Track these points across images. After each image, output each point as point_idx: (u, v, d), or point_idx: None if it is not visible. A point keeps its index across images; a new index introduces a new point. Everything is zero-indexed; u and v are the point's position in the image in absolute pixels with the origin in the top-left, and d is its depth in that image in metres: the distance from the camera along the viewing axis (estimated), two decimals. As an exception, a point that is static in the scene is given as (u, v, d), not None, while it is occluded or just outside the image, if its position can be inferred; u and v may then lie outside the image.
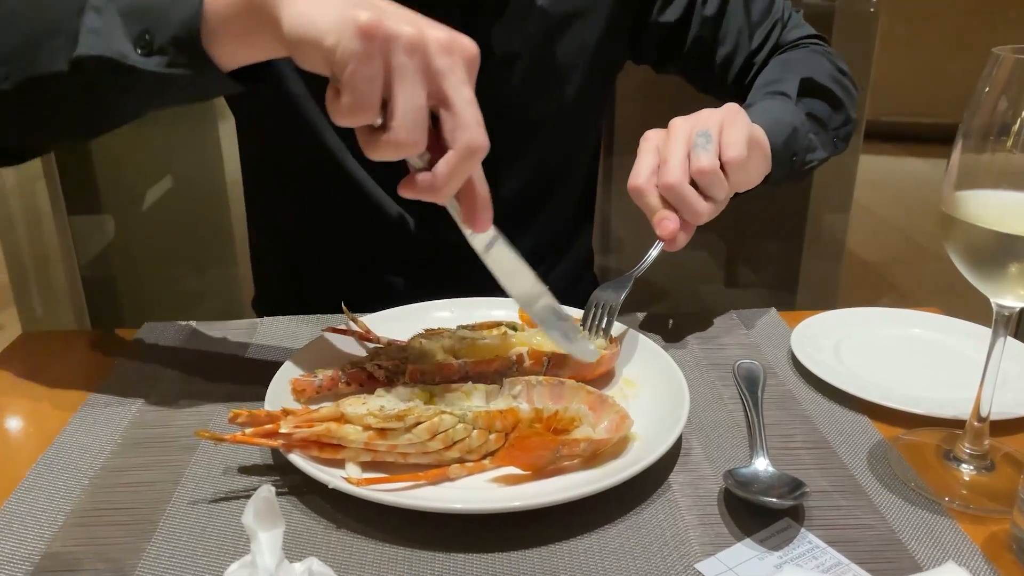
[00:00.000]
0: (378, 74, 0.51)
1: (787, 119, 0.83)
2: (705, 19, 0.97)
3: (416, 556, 0.53)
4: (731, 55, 0.98)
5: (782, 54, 0.97)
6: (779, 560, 0.53)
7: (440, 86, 0.53)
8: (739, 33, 0.97)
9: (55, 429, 0.66)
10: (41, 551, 0.53)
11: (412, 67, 0.51)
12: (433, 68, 0.52)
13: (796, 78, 0.88)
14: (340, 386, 0.67)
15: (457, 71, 0.53)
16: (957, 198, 0.54)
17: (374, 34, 0.50)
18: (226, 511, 0.57)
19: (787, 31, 0.99)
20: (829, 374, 0.73)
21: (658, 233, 0.73)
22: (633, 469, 0.57)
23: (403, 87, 0.51)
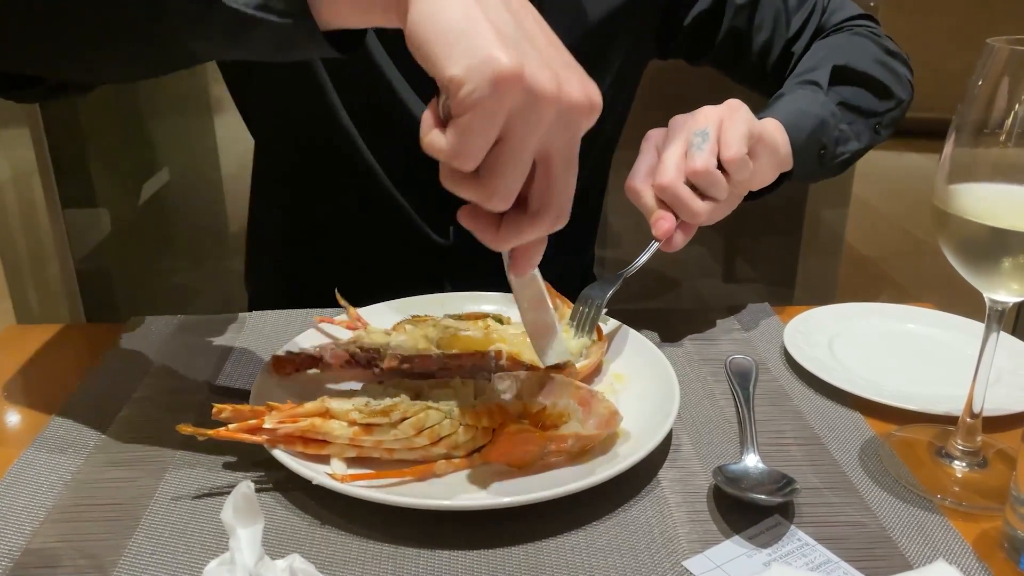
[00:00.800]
0: (498, 128, 0.45)
1: (814, 110, 0.81)
2: (739, 7, 0.93)
3: (400, 553, 0.53)
4: (768, 43, 0.95)
5: (824, 39, 0.94)
6: (768, 557, 0.52)
7: (552, 148, 0.48)
8: (776, 19, 0.94)
9: (40, 424, 0.66)
10: (21, 547, 0.53)
11: (535, 124, 0.45)
12: (554, 129, 0.47)
13: (828, 66, 0.85)
14: (321, 365, 0.67)
15: (576, 140, 0.48)
16: (950, 192, 0.53)
17: (511, 88, 0.43)
18: (209, 508, 0.56)
19: (829, 15, 0.96)
20: (822, 370, 0.72)
21: (653, 233, 0.72)
22: (622, 465, 0.57)
23: (516, 152, 0.46)
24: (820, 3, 0.96)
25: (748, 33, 0.95)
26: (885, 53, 0.93)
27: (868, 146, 0.88)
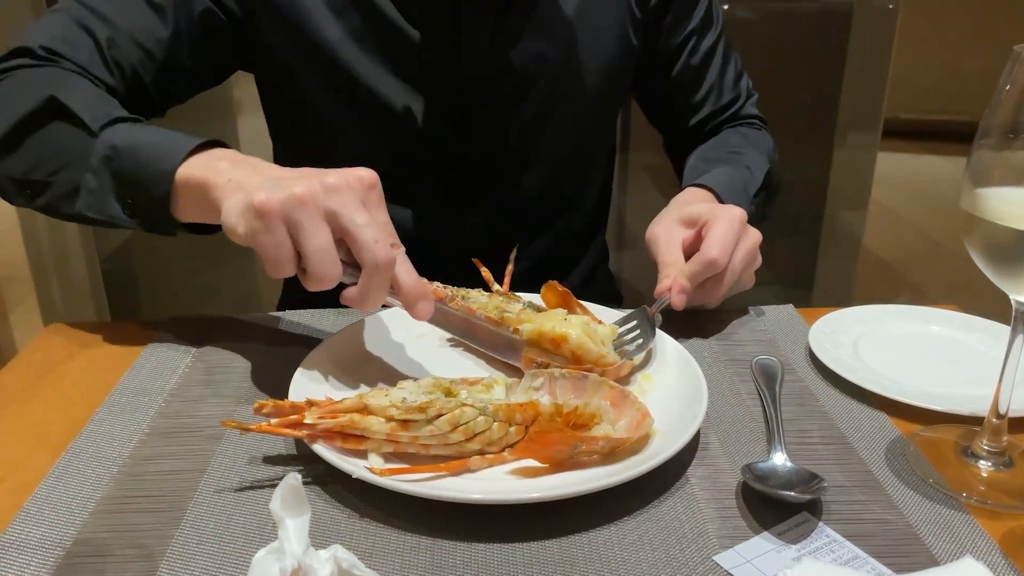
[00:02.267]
0: (283, 239, 0.60)
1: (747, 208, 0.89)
2: (688, 65, 1.03)
3: (437, 545, 0.54)
4: (699, 104, 1.06)
5: (741, 126, 1.07)
6: (797, 553, 0.54)
7: (338, 223, 0.61)
8: (711, 88, 1.06)
9: (83, 418, 0.68)
10: (72, 537, 0.54)
11: (307, 219, 0.60)
12: (327, 211, 0.61)
13: (767, 166, 0.99)
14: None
15: (350, 203, 0.61)
16: (977, 195, 0.54)
17: (267, 209, 0.60)
18: (252, 499, 0.58)
19: (746, 106, 1.09)
20: (847, 370, 0.73)
21: (674, 302, 0.78)
22: (652, 462, 0.58)
23: (305, 237, 0.60)
24: (745, 93, 1.09)
25: (687, 88, 1.05)
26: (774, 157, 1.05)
27: None
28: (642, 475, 0.57)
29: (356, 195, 0.62)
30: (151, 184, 0.69)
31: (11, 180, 0.76)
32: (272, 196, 0.60)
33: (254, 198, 0.60)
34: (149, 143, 0.71)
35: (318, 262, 0.60)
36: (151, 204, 0.70)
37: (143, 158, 0.70)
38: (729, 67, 1.06)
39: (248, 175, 0.64)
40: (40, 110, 0.74)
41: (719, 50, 1.05)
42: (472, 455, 0.60)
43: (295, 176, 0.63)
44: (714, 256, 0.77)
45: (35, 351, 0.80)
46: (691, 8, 1.02)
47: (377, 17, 0.88)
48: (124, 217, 0.72)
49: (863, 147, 2.02)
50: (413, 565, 0.52)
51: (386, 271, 0.62)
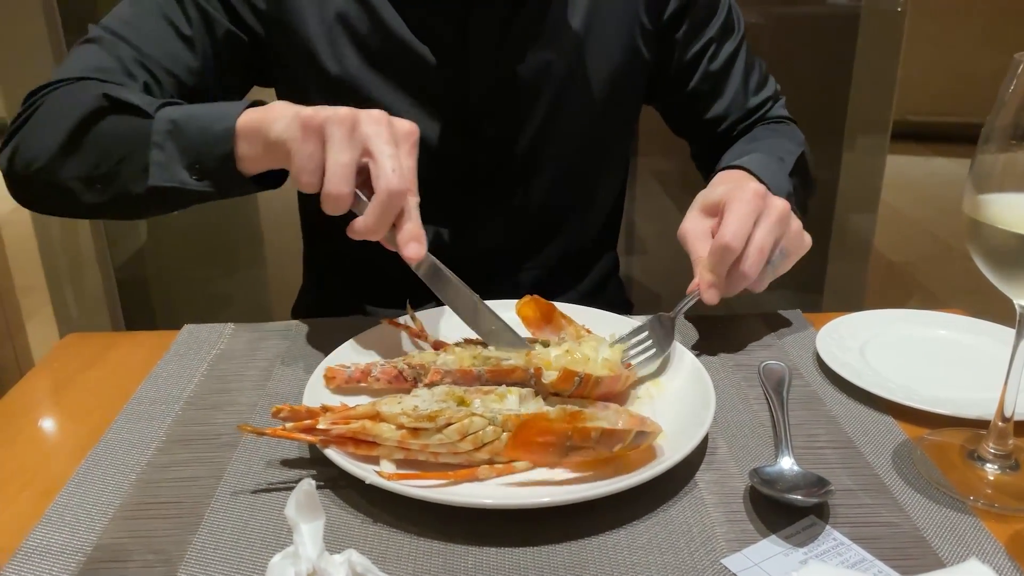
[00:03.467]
0: (315, 150, 0.65)
1: (786, 187, 0.88)
2: (709, 72, 1.02)
3: (450, 549, 0.55)
4: (724, 114, 1.04)
5: (776, 125, 1.05)
6: (804, 556, 0.54)
7: (366, 145, 0.65)
8: (735, 95, 1.03)
9: (102, 427, 0.69)
10: (93, 542, 0.56)
11: (340, 135, 0.65)
12: (360, 133, 0.65)
13: (798, 151, 0.96)
14: (370, 379, 0.70)
15: (383, 134, 0.66)
16: (980, 201, 0.55)
17: (310, 121, 0.66)
18: (267, 505, 0.59)
19: (775, 109, 1.07)
20: (854, 375, 0.73)
21: (704, 298, 0.76)
22: (660, 467, 0.59)
23: (331, 151, 0.65)
24: (773, 97, 1.07)
25: (709, 97, 1.03)
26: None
27: None
28: (651, 479, 0.58)
29: (393, 133, 0.66)
30: (215, 143, 0.72)
31: (78, 179, 0.78)
32: (318, 111, 0.66)
33: (301, 111, 0.67)
34: (204, 111, 0.75)
35: (335, 175, 0.64)
36: (218, 164, 0.73)
37: (203, 123, 0.73)
38: (753, 73, 1.05)
39: (301, 107, 0.69)
40: (96, 109, 0.77)
41: (741, 56, 1.03)
42: (481, 464, 0.61)
43: (344, 107, 0.67)
44: (725, 241, 0.74)
45: (53, 361, 0.81)
46: (709, 16, 1.01)
47: (393, 42, 0.90)
48: (194, 182, 0.74)
49: (872, 150, 2.02)
50: (426, 569, 0.53)
51: (396, 199, 0.65)
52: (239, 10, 0.89)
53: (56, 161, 0.79)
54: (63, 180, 0.79)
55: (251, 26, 0.90)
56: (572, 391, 0.67)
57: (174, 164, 0.74)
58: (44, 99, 0.83)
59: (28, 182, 0.82)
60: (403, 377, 0.70)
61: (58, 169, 0.79)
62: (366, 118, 0.66)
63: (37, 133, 0.81)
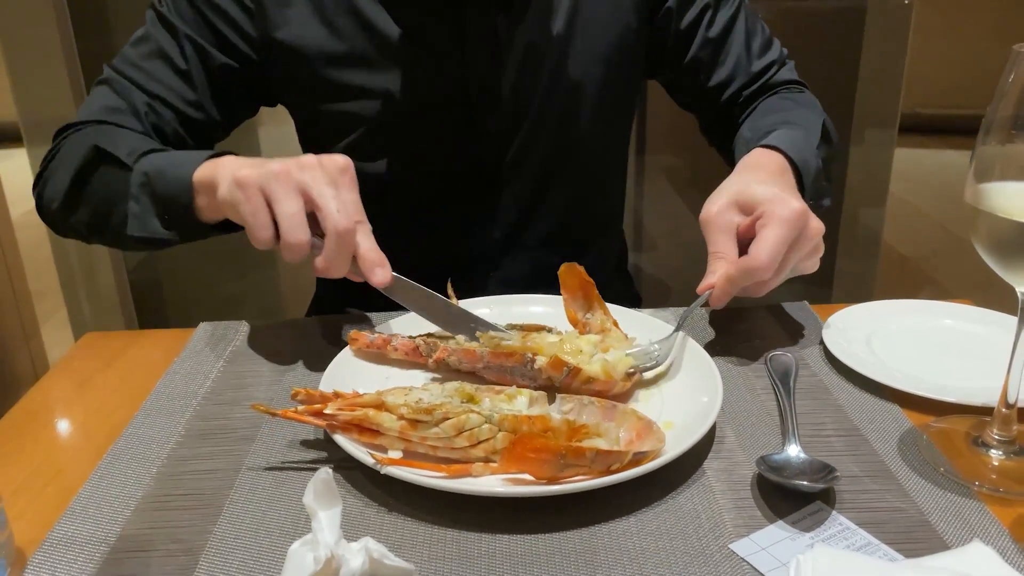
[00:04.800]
0: (259, 208, 0.69)
1: (814, 163, 0.88)
2: (707, 39, 1.01)
3: (463, 536, 0.56)
4: (727, 80, 1.02)
5: (781, 92, 1.03)
6: (811, 541, 0.55)
7: (308, 195, 0.69)
8: (737, 61, 1.02)
9: (122, 423, 0.71)
10: (117, 533, 0.57)
11: (280, 189, 0.69)
12: (297, 182, 0.69)
13: (820, 119, 0.94)
14: (389, 348, 0.75)
15: (318, 177, 0.69)
16: (981, 190, 0.56)
17: (245, 182, 0.70)
18: (285, 495, 0.61)
19: (780, 73, 1.04)
20: (860, 364, 0.74)
21: (712, 302, 0.75)
22: (669, 455, 0.60)
23: (277, 205, 0.69)
24: (779, 60, 1.04)
25: (710, 65, 1.02)
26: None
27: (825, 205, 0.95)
28: (660, 468, 0.59)
29: (327, 173, 0.70)
30: (177, 195, 0.78)
31: (84, 225, 0.87)
32: (252, 171, 0.70)
33: (237, 173, 0.70)
34: (172, 164, 0.80)
35: (288, 227, 0.68)
36: (182, 215, 0.79)
37: (169, 177, 0.79)
38: (755, 37, 1.03)
39: (241, 164, 0.73)
40: (88, 160, 0.84)
41: (740, 21, 1.02)
42: (477, 461, 0.61)
43: (277, 160, 0.71)
44: (760, 265, 0.71)
45: (72, 360, 0.83)
46: None
47: (390, 47, 0.92)
48: (163, 231, 0.80)
49: (880, 143, 2.01)
50: (440, 556, 0.55)
51: (346, 237, 0.69)
52: (230, 38, 0.92)
53: (66, 207, 0.87)
54: (73, 224, 0.88)
55: (244, 53, 0.93)
56: (563, 379, 0.69)
57: (148, 215, 0.80)
58: (64, 141, 0.90)
59: (53, 218, 0.91)
60: (419, 352, 0.75)
61: (69, 215, 0.88)
62: (297, 167, 0.70)
63: (53, 178, 0.89)
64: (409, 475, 0.58)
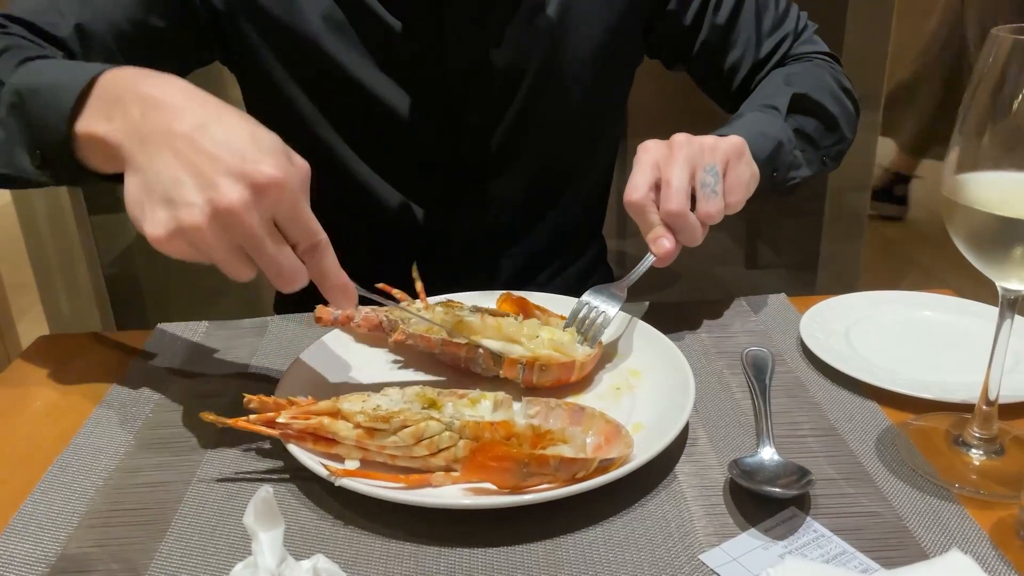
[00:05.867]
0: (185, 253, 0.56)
1: (773, 133, 0.83)
2: (715, 25, 0.96)
3: (422, 552, 0.54)
4: (737, 64, 0.98)
5: (784, 67, 0.97)
6: (783, 550, 0.53)
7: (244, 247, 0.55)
8: (747, 42, 0.97)
9: (71, 431, 0.68)
10: (57, 552, 0.55)
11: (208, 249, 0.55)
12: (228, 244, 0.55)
13: (789, 93, 0.88)
14: (352, 324, 0.74)
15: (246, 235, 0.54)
16: (958, 182, 0.53)
17: (160, 245, 0.56)
18: (236, 510, 0.58)
19: (798, 44, 0.99)
20: (838, 360, 0.72)
21: (654, 250, 0.72)
22: (638, 460, 0.58)
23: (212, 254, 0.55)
24: (793, 32, 0.99)
25: (721, 50, 0.98)
26: (840, 89, 0.95)
27: (815, 174, 0.90)
28: (628, 474, 0.57)
29: (253, 216, 0.54)
30: (51, 130, 0.61)
31: None
32: (158, 232, 0.55)
33: (144, 228, 0.55)
34: (49, 82, 0.62)
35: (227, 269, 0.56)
36: (58, 153, 0.62)
37: (42, 100, 0.62)
38: (766, 15, 0.98)
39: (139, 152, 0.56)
40: None
41: (749, 2, 0.97)
42: (437, 470, 0.58)
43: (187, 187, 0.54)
44: (626, 199, 0.72)
45: (23, 365, 0.80)
46: None
47: (359, 8, 0.87)
48: (34, 170, 0.64)
49: (864, 126, 1.99)
50: (397, 572, 0.52)
51: (294, 286, 0.58)
52: None
53: None
54: None
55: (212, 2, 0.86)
56: (524, 377, 0.68)
57: (14, 146, 0.64)
58: None
59: None
60: (382, 327, 0.73)
61: None
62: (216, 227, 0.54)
63: None
64: (365, 487, 0.56)
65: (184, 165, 0.54)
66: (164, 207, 0.54)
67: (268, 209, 0.55)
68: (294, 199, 0.56)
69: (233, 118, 0.57)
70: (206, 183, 0.53)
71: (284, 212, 0.56)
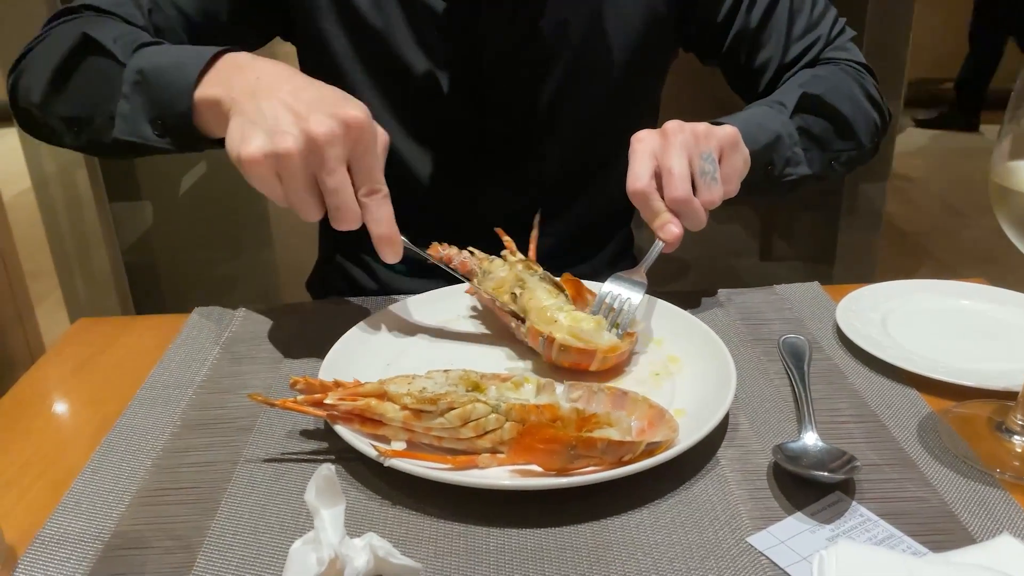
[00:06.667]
0: (276, 188, 0.64)
1: (772, 126, 0.84)
2: (747, 24, 0.96)
3: (471, 531, 0.54)
4: (765, 64, 0.98)
5: (812, 69, 0.96)
6: (831, 533, 0.53)
7: (319, 177, 0.64)
8: (776, 44, 0.97)
9: (115, 413, 0.68)
10: (110, 529, 0.55)
11: (293, 182, 0.63)
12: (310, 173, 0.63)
13: (799, 91, 0.88)
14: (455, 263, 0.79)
15: (326, 165, 0.63)
16: (1010, 168, 0.53)
17: (252, 164, 0.63)
18: (285, 490, 0.58)
19: (829, 50, 0.98)
20: (876, 347, 0.72)
21: (662, 236, 0.74)
22: (683, 445, 0.58)
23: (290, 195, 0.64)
24: (825, 37, 0.97)
25: (750, 50, 0.98)
26: (864, 96, 0.94)
27: (819, 176, 0.90)
28: (672, 458, 0.57)
29: (336, 149, 0.63)
30: (175, 101, 0.71)
31: (61, 120, 0.79)
32: (253, 154, 0.62)
33: (241, 151, 0.63)
34: (172, 62, 0.72)
35: (296, 205, 0.64)
36: (177, 122, 0.72)
37: (167, 78, 0.72)
38: (799, 18, 0.96)
39: (248, 101, 0.65)
40: (76, 48, 0.77)
41: (783, 4, 0.95)
42: (483, 452, 0.59)
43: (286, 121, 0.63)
44: (628, 188, 0.74)
45: (64, 348, 0.81)
46: None
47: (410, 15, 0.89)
48: (155, 137, 0.74)
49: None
50: (447, 552, 0.53)
51: (348, 224, 0.65)
52: None
53: (45, 98, 0.79)
54: (49, 118, 0.80)
55: None
56: (543, 350, 0.71)
57: (138, 117, 0.73)
58: (52, 29, 0.83)
59: (26, 112, 0.82)
60: (469, 270, 0.79)
61: (46, 106, 0.79)
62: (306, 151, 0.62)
63: (34, 65, 0.81)
64: (413, 467, 0.56)
65: (286, 106, 0.64)
66: (263, 135, 0.63)
67: (348, 146, 0.63)
68: (370, 143, 0.65)
69: (331, 88, 0.67)
70: (302, 119, 0.63)
71: (359, 153, 0.64)
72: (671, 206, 0.74)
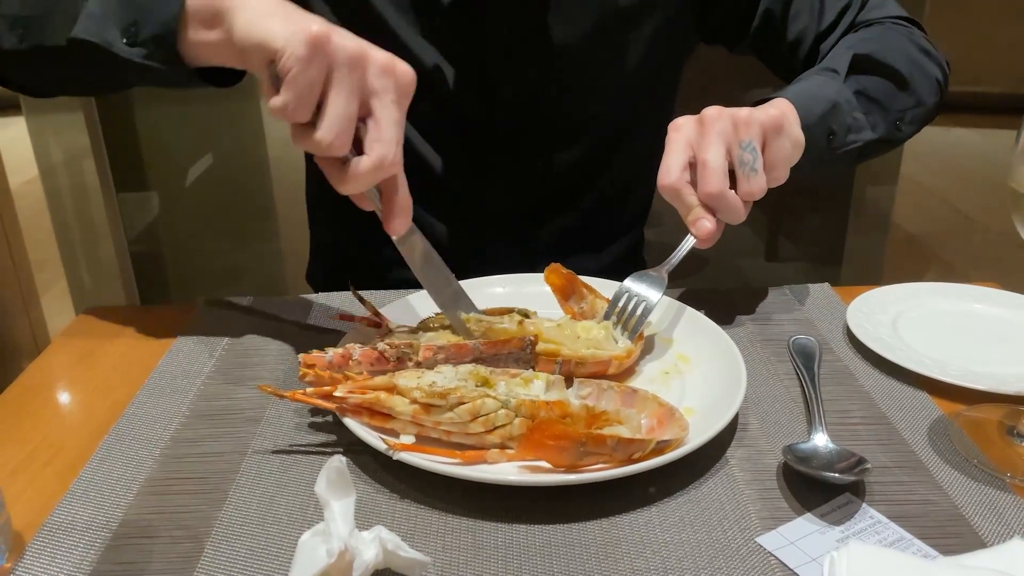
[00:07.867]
0: (319, 80, 0.57)
1: (827, 94, 0.80)
2: (773, 2, 0.93)
3: (479, 526, 0.54)
4: (801, 35, 0.93)
5: (855, 32, 0.92)
6: (841, 534, 0.53)
7: (371, 102, 0.60)
8: (810, 11, 0.93)
9: (123, 401, 0.68)
10: (119, 518, 0.55)
11: (349, 80, 0.58)
12: (368, 85, 0.59)
13: (849, 54, 0.84)
14: (351, 363, 0.64)
15: (390, 92, 0.60)
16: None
17: (322, 44, 0.57)
18: (292, 481, 0.58)
19: (867, 11, 0.94)
20: (886, 349, 0.72)
21: (694, 233, 0.71)
22: (693, 444, 0.58)
23: (338, 95, 0.58)
24: (860, 1, 0.94)
25: (782, 22, 0.94)
26: (918, 50, 0.90)
27: (886, 139, 0.85)
28: (682, 457, 0.57)
29: (395, 88, 0.60)
30: (159, 4, 0.62)
31: (2, 17, 0.68)
32: (330, 35, 0.57)
33: (310, 25, 0.57)
34: None
35: (337, 126, 0.58)
36: (156, 32, 0.62)
37: None
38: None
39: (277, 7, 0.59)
40: None
41: None
42: (492, 447, 0.59)
43: (346, 32, 0.59)
44: (659, 183, 0.71)
45: (71, 336, 0.81)
46: None
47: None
48: (122, 46, 0.64)
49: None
50: (455, 546, 0.53)
51: (386, 171, 0.61)
52: None
53: None
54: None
55: None
56: (560, 373, 0.66)
57: (108, 19, 0.64)
58: None
59: None
60: (385, 358, 0.64)
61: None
62: (375, 67, 0.59)
63: None
64: (422, 461, 0.56)
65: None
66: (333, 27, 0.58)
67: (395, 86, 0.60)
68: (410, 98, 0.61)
69: None
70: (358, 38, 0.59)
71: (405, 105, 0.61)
72: (705, 200, 0.70)
